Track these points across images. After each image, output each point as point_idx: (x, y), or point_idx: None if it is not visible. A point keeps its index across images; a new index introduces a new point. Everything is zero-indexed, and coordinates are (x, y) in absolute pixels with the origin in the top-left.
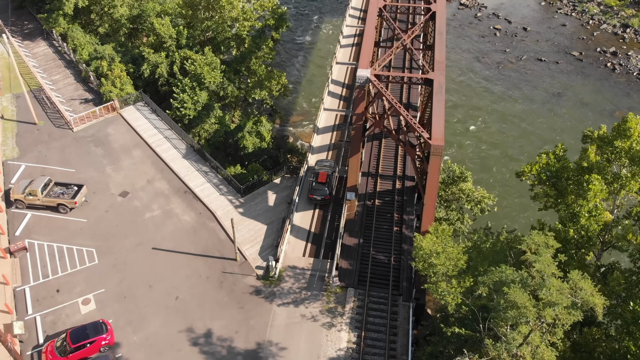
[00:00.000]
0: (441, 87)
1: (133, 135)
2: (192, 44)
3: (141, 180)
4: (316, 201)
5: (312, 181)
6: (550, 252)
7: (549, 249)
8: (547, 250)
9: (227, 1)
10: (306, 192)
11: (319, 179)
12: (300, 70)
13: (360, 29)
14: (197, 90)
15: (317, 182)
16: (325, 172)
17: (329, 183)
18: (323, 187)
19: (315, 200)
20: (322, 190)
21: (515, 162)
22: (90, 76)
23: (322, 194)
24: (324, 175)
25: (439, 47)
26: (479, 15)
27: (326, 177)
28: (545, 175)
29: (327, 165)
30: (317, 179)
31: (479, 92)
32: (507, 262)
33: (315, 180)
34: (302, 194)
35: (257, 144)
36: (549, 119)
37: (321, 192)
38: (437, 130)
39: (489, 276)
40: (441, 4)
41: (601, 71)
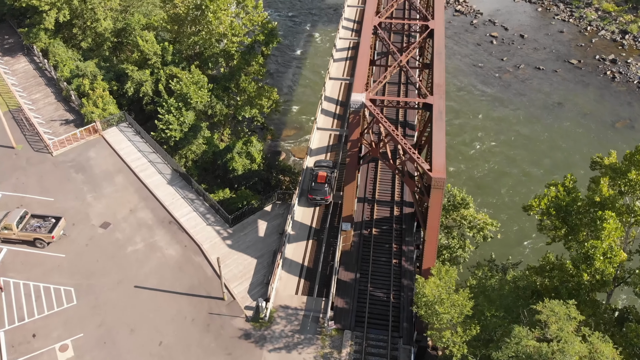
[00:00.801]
0: (441, 113)
1: (116, 159)
2: (178, 60)
3: (123, 209)
4: (316, 201)
5: (311, 181)
6: (572, 325)
7: (572, 321)
8: (569, 323)
9: (214, 16)
10: (299, 222)
11: (318, 179)
12: (292, 81)
13: (354, 41)
14: (183, 111)
15: (317, 183)
16: (325, 173)
17: (328, 183)
18: (322, 187)
19: (315, 200)
20: (321, 190)
21: (518, 181)
22: (71, 95)
23: (321, 194)
24: (323, 176)
25: (438, 69)
26: (475, 22)
27: (325, 177)
28: (555, 209)
29: (325, 165)
30: (316, 179)
31: (477, 103)
32: (516, 307)
33: (314, 180)
34: (295, 223)
35: (247, 165)
36: (551, 132)
37: (320, 192)
38: (438, 160)
39: (504, 351)
40: (439, 21)
41: (601, 79)
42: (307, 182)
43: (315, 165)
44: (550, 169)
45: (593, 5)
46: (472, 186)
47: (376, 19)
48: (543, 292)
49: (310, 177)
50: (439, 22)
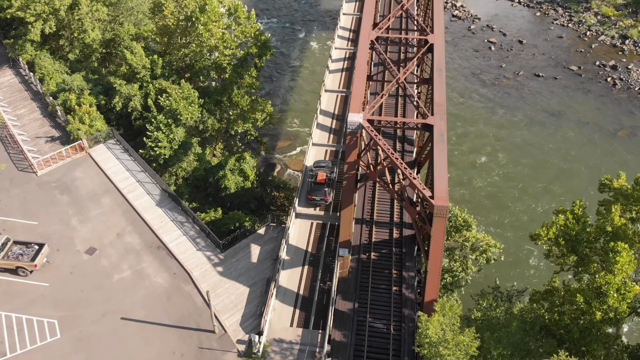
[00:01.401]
0: (442, 135)
1: (103, 179)
2: (168, 74)
3: (110, 233)
4: (315, 202)
5: (311, 182)
6: None
7: None
8: None
9: (205, 29)
10: (293, 247)
11: (317, 180)
12: (287, 90)
13: (350, 51)
14: (172, 127)
15: (316, 183)
16: (324, 173)
17: (327, 183)
18: (322, 188)
19: (315, 201)
20: (321, 190)
21: (522, 196)
22: (57, 111)
23: (321, 194)
24: (322, 176)
25: (438, 87)
26: (473, 27)
27: (325, 177)
28: (564, 239)
29: (325, 165)
30: (316, 179)
31: (476, 112)
32: (524, 344)
33: (313, 181)
34: (290, 248)
35: (240, 183)
36: (553, 143)
37: (320, 192)
38: (440, 186)
39: None
40: (439, 35)
41: (601, 86)
42: (304, 195)
43: (314, 165)
44: (555, 183)
45: (592, 10)
46: (473, 202)
47: (373, 33)
48: (552, 329)
49: (309, 177)
50: (438, 36)
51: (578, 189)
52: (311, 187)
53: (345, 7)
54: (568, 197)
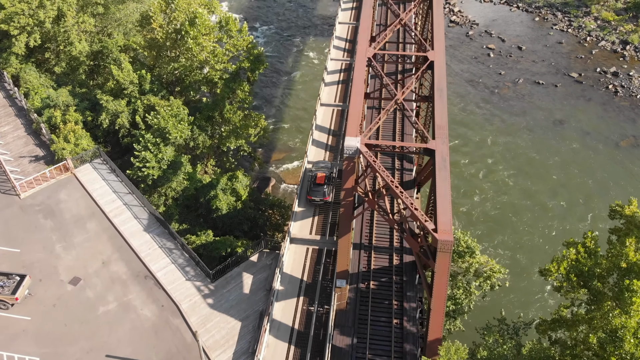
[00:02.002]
0: (445, 160)
1: (88, 201)
2: (157, 89)
3: (95, 261)
4: (315, 202)
5: (310, 183)
6: None
7: None
8: None
9: (195, 43)
10: (288, 275)
11: (317, 181)
12: (282, 100)
13: (346, 62)
14: (161, 146)
15: (316, 184)
16: (324, 174)
17: (327, 184)
18: (322, 189)
19: (314, 201)
20: (320, 191)
21: (526, 214)
22: (42, 128)
23: (320, 195)
24: (322, 177)
25: (439, 108)
26: (471, 33)
27: (324, 178)
28: (575, 275)
29: (324, 166)
30: (315, 180)
31: (476, 123)
32: None
33: (313, 181)
34: (284, 277)
35: (232, 204)
36: (556, 155)
37: (320, 193)
38: (444, 218)
39: None
40: (440, 52)
41: (602, 94)
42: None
43: (314, 166)
44: (564, 198)
45: (592, 15)
46: (476, 220)
47: (370, 50)
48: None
49: (309, 178)
50: (439, 53)
51: (587, 205)
52: (311, 187)
53: (341, 15)
54: (577, 215)
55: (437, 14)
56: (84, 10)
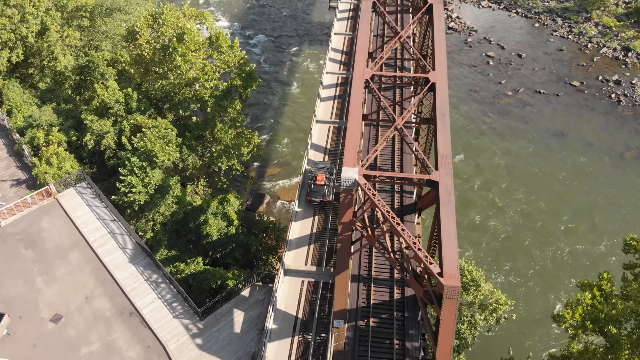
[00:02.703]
0: (450, 194)
1: (71, 230)
2: (144, 107)
3: (78, 296)
4: (315, 203)
5: (310, 183)
6: None
7: None
8: None
9: (183, 60)
10: (282, 312)
11: (317, 181)
12: (277, 111)
13: (342, 76)
14: (148, 170)
15: (315, 185)
16: (323, 174)
17: (327, 185)
18: (322, 189)
19: (314, 202)
20: (320, 192)
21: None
22: (24, 149)
23: (320, 195)
24: (322, 177)
25: (442, 135)
26: (470, 40)
27: (324, 178)
28: (591, 321)
29: (324, 167)
30: (315, 181)
31: (476, 136)
32: None
33: (313, 182)
34: (278, 314)
35: (223, 229)
36: (563, 170)
37: (320, 193)
38: (450, 261)
39: None
40: (442, 72)
41: (605, 103)
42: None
43: (313, 167)
44: (573, 219)
45: (592, 20)
46: (480, 244)
47: (368, 71)
48: None
49: (309, 179)
50: (441, 74)
51: (598, 225)
52: (311, 188)
53: (336, 26)
54: (589, 237)
55: (437, 31)
56: (69, 24)
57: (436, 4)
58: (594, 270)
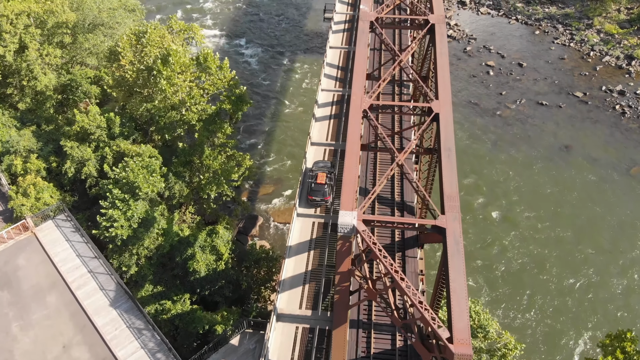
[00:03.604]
0: (458, 243)
1: (49, 268)
2: (127, 132)
3: (55, 345)
4: (315, 202)
5: (311, 182)
6: None
7: None
8: None
9: (168, 84)
10: None
11: (317, 180)
12: (271, 124)
13: (338, 93)
14: (131, 202)
15: (316, 183)
16: (324, 173)
17: (328, 183)
18: (322, 188)
19: (315, 201)
20: (321, 191)
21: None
22: (0, 178)
23: (321, 194)
24: (322, 176)
25: (448, 174)
26: (469, 49)
27: (325, 177)
28: None
29: (325, 166)
30: (316, 179)
31: (478, 151)
32: None
33: (314, 181)
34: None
35: (212, 264)
36: (569, 188)
37: (320, 192)
38: (461, 324)
39: None
40: (446, 102)
41: (609, 115)
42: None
43: (314, 166)
44: (588, 245)
45: (594, 27)
46: (489, 275)
47: (366, 101)
48: None
49: (309, 178)
50: (445, 103)
51: (615, 251)
52: (311, 187)
53: (332, 39)
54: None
55: (440, 54)
56: (50, 41)
57: (438, 23)
58: (614, 303)
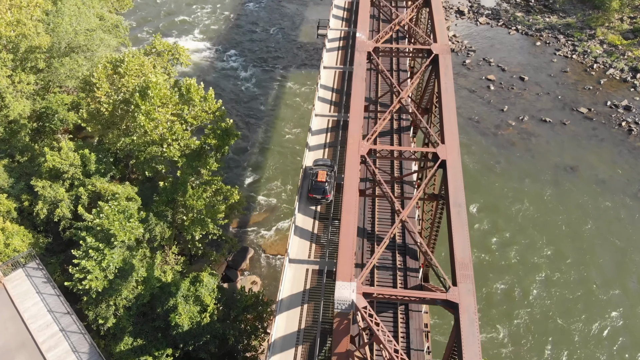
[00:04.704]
0: (473, 321)
1: (19, 325)
2: (104, 169)
3: None
4: (316, 200)
5: (312, 180)
6: None
7: None
8: None
9: (147, 119)
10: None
11: (318, 178)
12: (262, 144)
13: (333, 119)
14: (106, 252)
15: (317, 181)
16: (325, 171)
17: (328, 181)
18: (323, 186)
19: (316, 199)
20: (322, 188)
21: (576, 317)
22: None
23: (322, 192)
24: (323, 174)
25: (459, 236)
26: (468, 62)
27: (325, 175)
28: None
29: (325, 164)
30: (317, 177)
31: (481, 174)
32: None
33: (314, 179)
34: None
35: (196, 317)
36: (581, 216)
37: (321, 190)
38: None
39: None
40: (453, 146)
41: (615, 133)
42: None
43: (314, 164)
44: (612, 284)
45: (597, 38)
46: (501, 321)
47: (364, 145)
48: None
49: (310, 176)
50: (452, 148)
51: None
52: (312, 185)
53: (326, 58)
54: (634, 311)
55: (445, 90)
56: (23, 66)
57: (442, 54)
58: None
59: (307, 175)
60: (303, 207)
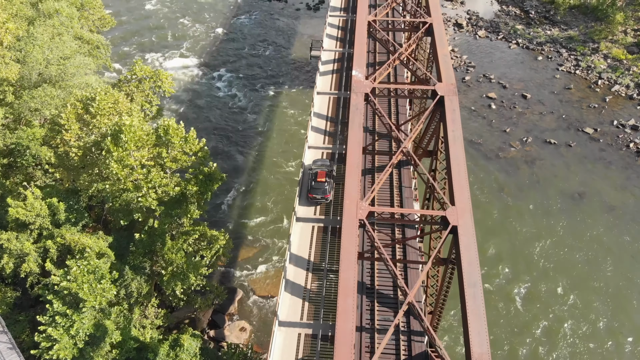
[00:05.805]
0: None
1: None
2: (75, 219)
3: None
4: (316, 200)
5: (311, 180)
6: None
7: None
8: None
9: (119, 167)
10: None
11: (317, 178)
12: (251, 171)
13: (327, 151)
14: (75, 317)
15: (316, 181)
16: (324, 171)
17: (328, 181)
18: (322, 186)
19: (316, 199)
20: (321, 188)
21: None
22: None
23: (321, 192)
24: (322, 174)
25: (475, 325)
26: (468, 79)
27: (325, 175)
28: None
29: (324, 164)
30: (316, 177)
31: (486, 204)
32: None
33: (314, 179)
34: None
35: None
36: (599, 252)
37: (321, 190)
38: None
39: None
40: (465, 209)
41: (623, 155)
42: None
43: (313, 164)
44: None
45: (601, 52)
46: None
47: (363, 207)
48: None
49: (309, 177)
50: (464, 212)
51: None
52: (311, 185)
53: (319, 83)
54: None
55: (454, 138)
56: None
57: (448, 96)
58: None
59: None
60: (295, 258)
